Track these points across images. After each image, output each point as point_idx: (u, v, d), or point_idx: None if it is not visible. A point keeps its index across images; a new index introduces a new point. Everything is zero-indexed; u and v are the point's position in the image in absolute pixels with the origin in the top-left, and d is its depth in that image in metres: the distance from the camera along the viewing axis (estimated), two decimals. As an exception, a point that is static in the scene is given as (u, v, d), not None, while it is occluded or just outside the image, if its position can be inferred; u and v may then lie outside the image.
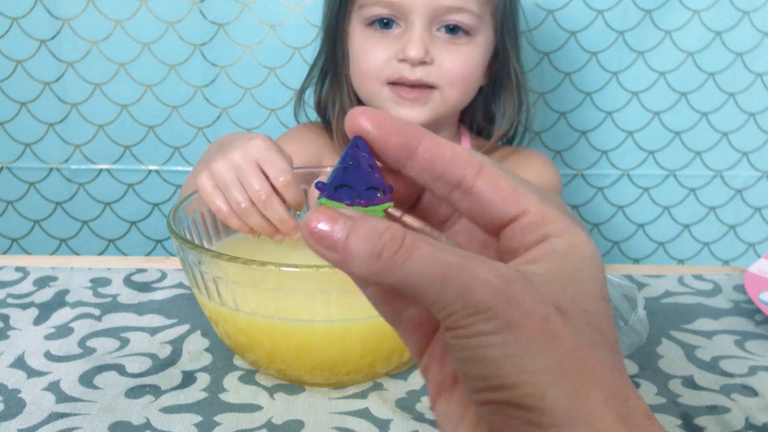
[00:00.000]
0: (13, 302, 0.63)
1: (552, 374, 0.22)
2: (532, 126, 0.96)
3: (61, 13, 1.01)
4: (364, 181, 0.24)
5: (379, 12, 0.78)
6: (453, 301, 0.22)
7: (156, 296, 0.65)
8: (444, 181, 0.25)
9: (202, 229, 0.59)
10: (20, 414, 0.47)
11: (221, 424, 0.47)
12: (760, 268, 0.70)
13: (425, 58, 0.76)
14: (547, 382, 0.22)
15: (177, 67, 1.04)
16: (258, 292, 0.47)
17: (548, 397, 0.22)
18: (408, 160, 0.25)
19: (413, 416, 0.48)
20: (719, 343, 0.60)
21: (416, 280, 0.22)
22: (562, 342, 0.22)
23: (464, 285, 0.22)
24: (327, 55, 0.89)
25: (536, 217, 0.24)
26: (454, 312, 0.22)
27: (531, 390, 0.22)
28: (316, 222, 0.23)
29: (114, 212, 1.12)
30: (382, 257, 0.22)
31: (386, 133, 0.24)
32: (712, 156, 1.12)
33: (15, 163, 1.09)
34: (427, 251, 0.22)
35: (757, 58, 1.07)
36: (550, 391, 0.22)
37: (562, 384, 0.22)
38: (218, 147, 0.64)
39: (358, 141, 0.24)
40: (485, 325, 0.22)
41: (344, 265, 0.23)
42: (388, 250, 0.22)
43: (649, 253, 1.18)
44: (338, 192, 0.24)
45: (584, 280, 0.24)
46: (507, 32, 0.84)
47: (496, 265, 0.23)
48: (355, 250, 0.23)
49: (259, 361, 0.51)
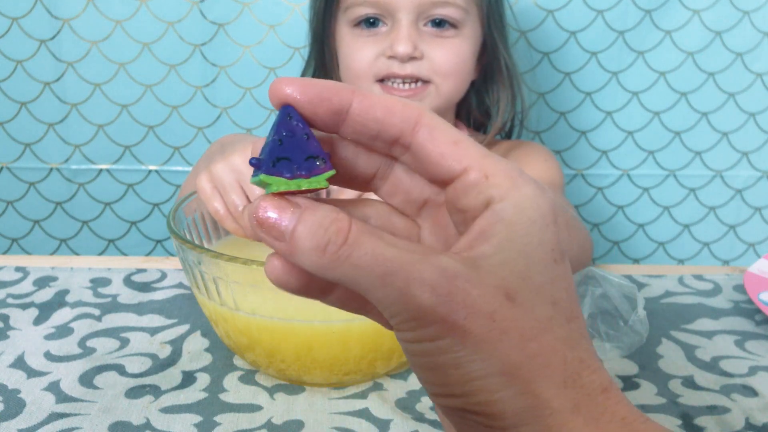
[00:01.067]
0: (13, 302, 0.63)
1: (500, 376, 0.21)
2: (530, 121, 0.97)
3: (61, 13, 1.01)
4: (301, 151, 0.23)
5: (365, 12, 0.78)
6: (393, 303, 0.22)
7: (156, 296, 0.65)
8: (381, 140, 0.24)
9: (202, 229, 0.59)
10: (20, 414, 0.47)
11: (221, 424, 0.47)
12: (760, 268, 0.70)
13: (414, 54, 0.76)
14: (495, 386, 0.21)
15: (177, 67, 1.04)
16: (258, 292, 0.47)
17: (498, 401, 0.22)
18: (341, 125, 0.24)
19: (413, 416, 0.48)
20: (719, 343, 0.60)
21: (359, 279, 0.22)
22: (509, 338, 0.21)
23: (404, 286, 0.21)
24: (317, 61, 0.89)
25: (478, 174, 0.23)
26: (395, 315, 0.22)
27: (481, 397, 0.22)
28: (264, 211, 0.22)
29: (114, 212, 1.12)
30: (327, 252, 0.22)
31: (314, 99, 0.23)
32: (712, 156, 1.12)
33: (15, 163, 1.09)
34: (371, 247, 0.21)
35: (757, 58, 1.07)
36: (500, 394, 0.21)
37: (512, 385, 0.21)
38: (219, 148, 0.64)
39: (289, 110, 0.23)
40: (426, 330, 0.21)
41: (291, 257, 0.22)
42: (332, 244, 0.22)
43: (649, 253, 1.18)
44: (277, 167, 0.22)
45: (535, 247, 0.22)
46: (494, 24, 0.84)
47: (441, 259, 0.22)
48: (301, 243, 0.22)
49: (259, 361, 0.51)
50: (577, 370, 0.22)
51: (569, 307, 0.23)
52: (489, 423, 0.22)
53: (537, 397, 0.22)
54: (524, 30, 1.04)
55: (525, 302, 0.22)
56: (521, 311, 0.22)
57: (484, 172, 0.23)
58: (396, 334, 0.23)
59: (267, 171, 0.22)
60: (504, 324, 0.21)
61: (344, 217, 0.22)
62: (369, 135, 0.24)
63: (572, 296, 0.23)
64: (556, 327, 0.22)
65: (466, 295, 0.21)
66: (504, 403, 0.22)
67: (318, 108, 0.23)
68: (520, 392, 0.21)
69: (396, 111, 0.23)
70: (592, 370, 0.23)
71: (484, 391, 0.22)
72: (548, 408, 0.22)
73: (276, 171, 0.22)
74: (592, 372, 0.22)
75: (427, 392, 0.24)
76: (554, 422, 0.22)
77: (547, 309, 0.22)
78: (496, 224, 0.22)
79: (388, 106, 0.23)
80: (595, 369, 0.23)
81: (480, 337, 0.21)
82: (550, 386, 0.22)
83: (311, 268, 0.22)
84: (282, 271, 0.24)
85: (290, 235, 0.22)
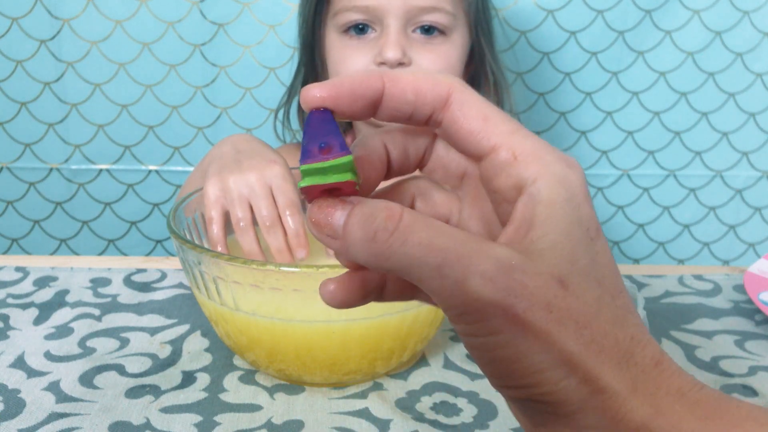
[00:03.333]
0: (13, 302, 0.63)
1: (561, 367, 0.22)
2: (529, 122, 0.96)
3: (61, 13, 1.01)
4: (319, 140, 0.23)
5: (354, 18, 0.78)
6: (450, 296, 0.22)
7: (156, 296, 0.65)
8: (415, 120, 0.24)
9: (202, 229, 0.59)
10: (20, 414, 0.47)
11: (221, 424, 0.47)
12: (760, 268, 0.70)
13: (403, 59, 0.76)
14: (557, 377, 0.22)
15: (177, 67, 1.04)
16: (258, 292, 0.47)
17: (562, 391, 0.22)
18: (375, 113, 0.24)
19: (413, 416, 0.48)
20: (719, 343, 0.60)
21: (413, 269, 0.22)
22: (566, 328, 0.22)
23: (461, 278, 0.21)
24: (307, 68, 0.89)
25: (507, 154, 0.23)
26: (451, 307, 0.22)
27: (544, 389, 0.22)
28: (318, 212, 0.23)
29: (114, 212, 1.12)
30: (378, 240, 0.22)
31: (348, 98, 0.24)
32: (712, 156, 1.12)
33: (15, 163, 1.09)
34: (424, 236, 0.22)
35: (757, 58, 1.07)
36: (563, 384, 0.22)
37: (573, 374, 0.22)
38: (233, 152, 0.62)
39: (314, 114, 0.24)
40: (485, 324, 0.22)
41: (345, 251, 0.23)
42: (383, 231, 0.22)
43: (649, 253, 1.19)
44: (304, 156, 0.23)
45: (575, 226, 0.23)
46: (481, 31, 0.84)
47: (497, 250, 0.22)
48: (352, 235, 0.22)
49: (259, 361, 0.51)
50: (629, 348, 0.22)
51: (613, 283, 0.23)
52: (554, 410, 0.23)
53: (598, 383, 0.22)
54: (524, 30, 1.04)
55: (576, 288, 0.22)
56: (574, 298, 0.22)
57: (513, 152, 0.23)
58: (454, 327, 0.23)
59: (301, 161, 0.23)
60: (560, 314, 0.22)
61: (395, 205, 0.22)
62: (404, 116, 0.24)
63: (614, 271, 0.23)
64: (604, 308, 0.22)
65: (523, 288, 0.21)
66: (568, 392, 0.22)
67: (354, 105, 0.24)
68: (581, 380, 0.22)
69: (426, 91, 0.24)
70: (643, 346, 0.23)
71: (547, 383, 0.22)
72: (609, 392, 0.22)
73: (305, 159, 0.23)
74: (643, 347, 0.23)
75: (491, 383, 0.24)
76: (615, 404, 0.22)
77: (595, 290, 0.22)
78: (536, 207, 0.22)
79: (417, 87, 0.24)
80: (646, 343, 0.23)
81: (539, 329, 0.21)
82: (608, 370, 0.22)
83: (365, 259, 0.22)
84: (338, 290, 0.25)
85: (342, 229, 0.22)
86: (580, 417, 0.22)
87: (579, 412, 0.22)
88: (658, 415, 0.22)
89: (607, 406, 0.22)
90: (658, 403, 0.22)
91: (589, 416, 0.22)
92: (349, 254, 0.23)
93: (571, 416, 0.22)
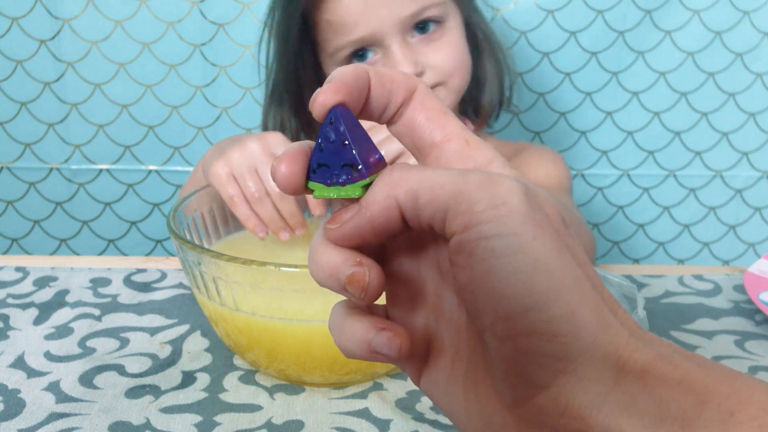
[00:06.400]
0: (13, 302, 0.63)
1: (576, 286, 0.21)
2: (530, 122, 0.96)
3: (61, 13, 1.01)
4: (338, 158, 0.24)
5: (351, 49, 0.77)
6: (476, 191, 0.22)
7: (156, 296, 0.65)
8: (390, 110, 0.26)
9: (202, 229, 0.59)
10: (20, 414, 0.47)
11: (221, 424, 0.47)
12: (760, 268, 0.70)
13: (417, 70, 0.76)
14: (578, 298, 0.21)
15: (177, 67, 1.04)
16: (258, 292, 0.47)
17: (578, 315, 0.21)
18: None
19: (413, 416, 0.48)
20: (719, 343, 0.60)
21: (435, 179, 0.23)
22: (571, 257, 0.22)
23: (487, 180, 0.22)
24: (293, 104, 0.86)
25: (460, 141, 0.25)
26: (478, 201, 0.21)
27: (562, 309, 0.21)
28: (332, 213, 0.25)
29: (114, 212, 1.12)
30: (394, 171, 0.23)
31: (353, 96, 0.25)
32: (712, 156, 1.12)
33: (15, 163, 1.09)
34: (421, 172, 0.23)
35: (757, 58, 1.07)
36: (581, 308, 0.21)
37: (588, 298, 0.21)
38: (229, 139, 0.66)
39: (331, 115, 0.24)
40: (513, 219, 0.21)
41: (367, 210, 0.24)
42: (386, 172, 0.24)
43: (649, 253, 1.18)
44: (318, 173, 0.24)
45: None
46: (466, 2, 0.83)
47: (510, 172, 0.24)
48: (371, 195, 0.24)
49: (259, 361, 0.51)
50: (614, 306, 0.23)
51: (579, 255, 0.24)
52: (559, 351, 0.21)
53: (605, 317, 0.22)
54: (524, 30, 1.04)
55: (571, 232, 0.24)
56: (572, 234, 0.24)
57: (466, 140, 0.25)
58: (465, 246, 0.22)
59: (310, 177, 0.25)
60: (567, 240, 0.23)
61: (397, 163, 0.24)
62: (383, 105, 0.26)
63: None
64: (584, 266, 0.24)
65: (545, 202, 0.23)
66: (583, 319, 0.21)
67: (360, 98, 0.25)
68: (594, 307, 0.21)
69: (400, 82, 0.26)
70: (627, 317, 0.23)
71: (569, 302, 0.21)
72: (614, 328, 0.22)
73: (317, 178, 0.24)
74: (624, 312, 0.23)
75: (486, 321, 0.22)
76: (621, 342, 0.22)
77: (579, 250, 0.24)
78: None
79: (393, 78, 0.26)
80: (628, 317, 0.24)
81: (557, 243, 0.22)
82: (608, 313, 0.22)
83: (386, 198, 0.23)
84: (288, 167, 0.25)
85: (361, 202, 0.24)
86: (583, 368, 0.21)
87: (585, 353, 0.21)
88: (660, 358, 0.21)
89: (613, 346, 0.21)
90: (657, 348, 0.22)
91: (594, 363, 0.21)
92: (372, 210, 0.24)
93: (571, 368, 0.21)
